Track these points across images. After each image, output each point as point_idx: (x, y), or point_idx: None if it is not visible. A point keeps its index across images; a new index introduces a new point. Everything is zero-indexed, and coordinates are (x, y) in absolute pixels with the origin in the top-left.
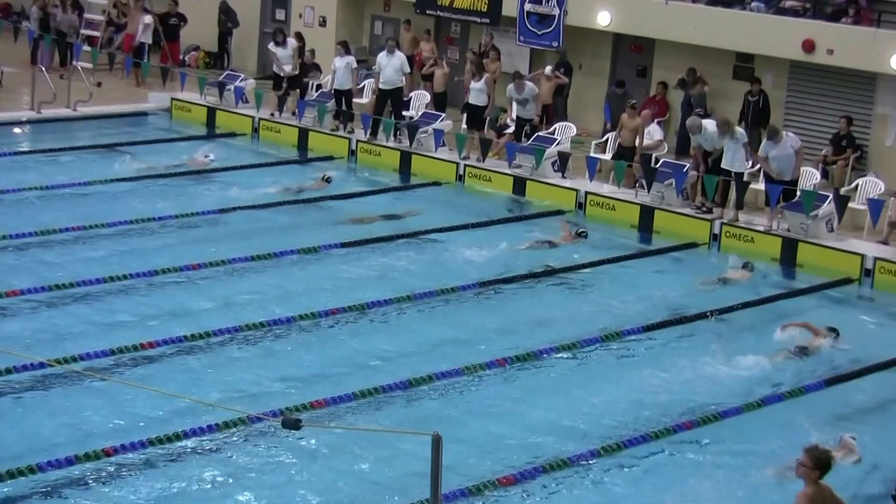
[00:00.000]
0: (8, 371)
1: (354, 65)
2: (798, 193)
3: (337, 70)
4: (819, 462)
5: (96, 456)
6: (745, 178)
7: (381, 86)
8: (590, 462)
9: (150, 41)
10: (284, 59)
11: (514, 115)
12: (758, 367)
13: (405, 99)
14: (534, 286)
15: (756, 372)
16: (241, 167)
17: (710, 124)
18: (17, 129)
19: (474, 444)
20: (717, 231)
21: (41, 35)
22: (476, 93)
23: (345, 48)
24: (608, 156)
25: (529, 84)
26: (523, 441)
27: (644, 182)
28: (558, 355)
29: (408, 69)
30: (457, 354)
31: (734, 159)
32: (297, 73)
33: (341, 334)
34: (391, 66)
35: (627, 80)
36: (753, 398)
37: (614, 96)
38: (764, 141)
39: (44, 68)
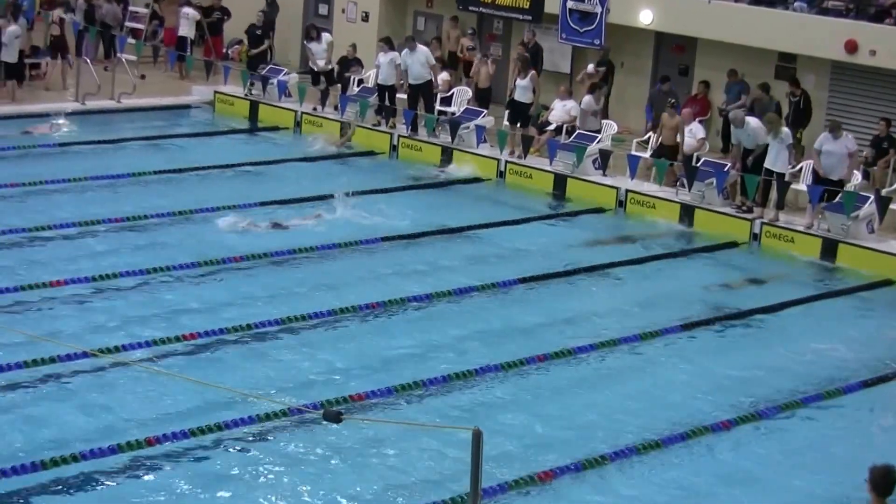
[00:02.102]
0: (52, 360)
1: (398, 60)
2: (839, 194)
3: (381, 66)
4: (877, 485)
5: (139, 445)
6: (787, 178)
7: (410, 82)
8: (628, 458)
9: (191, 35)
10: (318, 53)
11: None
12: (788, 369)
13: (448, 95)
14: (573, 283)
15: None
16: (285, 161)
17: (752, 120)
18: (60, 122)
19: (514, 439)
20: (756, 230)
21: (86, 27)
22: (521, 90)
23: (388, 44)
24: (649, 154)
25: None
26: (562, 436)
27: (685, 181)
28: (597, 352)
29: (433, 61)
30: (497, 349)
31: (777, 159)
32: (329, 68)
33: (382, 328)
34: (416, 62)
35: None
36: (794, 398)
37: (658, 95)
38: (823, 133)
39: (88, 60)
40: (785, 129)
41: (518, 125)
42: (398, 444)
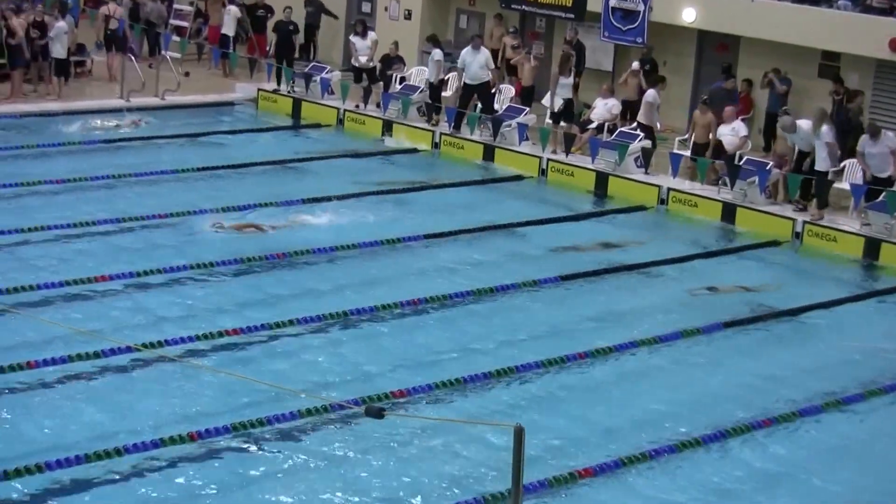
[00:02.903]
0: (97, 355)
1: (441, 58)
2: (882, 193)
3: (429, 63)
4: None
5: (181, 439)
6: (829, 176)
7: (466, 81)
8: (668, 456)
9: (233, 33)
10: (361, 50)
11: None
12: (830, 368)
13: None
14: (614, 281)
15: (831, 372)
16: (327, 157)
17: (804, 123)
18: (140, 122)
19: (554, 436)
20: (799, 229)
21: (131, 25)
22: (564, 88)
23: (433, 42)
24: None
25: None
26: (602, 433)
27: (727, 179)
28: (638, 350)
29: (492, 65)
30: (537, 347)
31: (817, 157)
32: (371, 65)
33: (424, 324)
34: (476, 63)
35: (711, 78)
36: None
37: (719, 91)
38: (863, 137)
39: (133, 58)
40: (824, 127)
41: (561, 123)
42: (439, 440)
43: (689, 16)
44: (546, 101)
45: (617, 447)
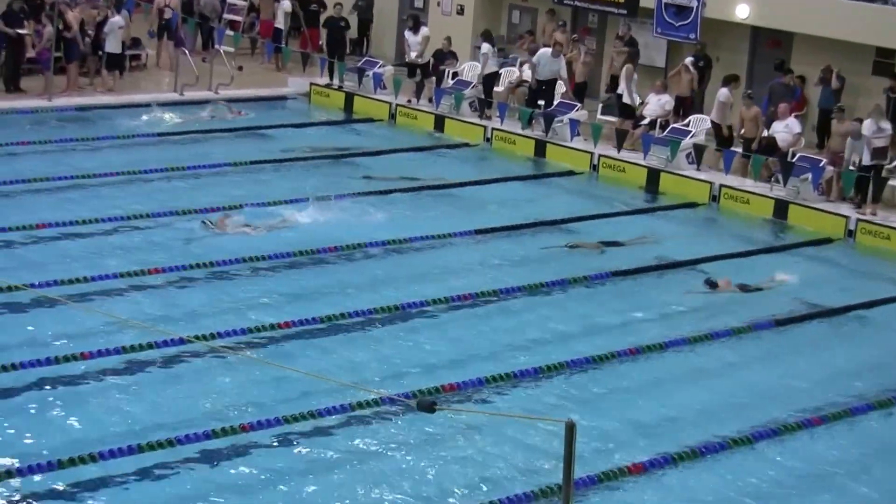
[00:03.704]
0: (149, 346)
1: (488, 51)
2: None
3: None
4: None
5: (233, 431)
6: (884, 173)
7: (538, 77)
8: (719, 452)
9: (286, 27)
10: (413, 45)
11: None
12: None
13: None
14: (665, 277)
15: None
16: (378, 153)
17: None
18: (241, 112)
19: (605, 431)
20: (852, 227)
21: (185, 19)
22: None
23: (485, 37)
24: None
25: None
26: (653, 429)
27: (780, 176)
28: (689, 346)
29: (565, 74)
30: (589, 342)
31: (864, 152)
32: (420, 61)
33: (474, 319)
34: (550, 69)
35: (765, 75)
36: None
37: (778, 87)
38: None
39: (187, 51)
40: (866, 123)
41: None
42: (490, 434)
43: (742, 12)
44: (626, 98)
45: (666, 444)
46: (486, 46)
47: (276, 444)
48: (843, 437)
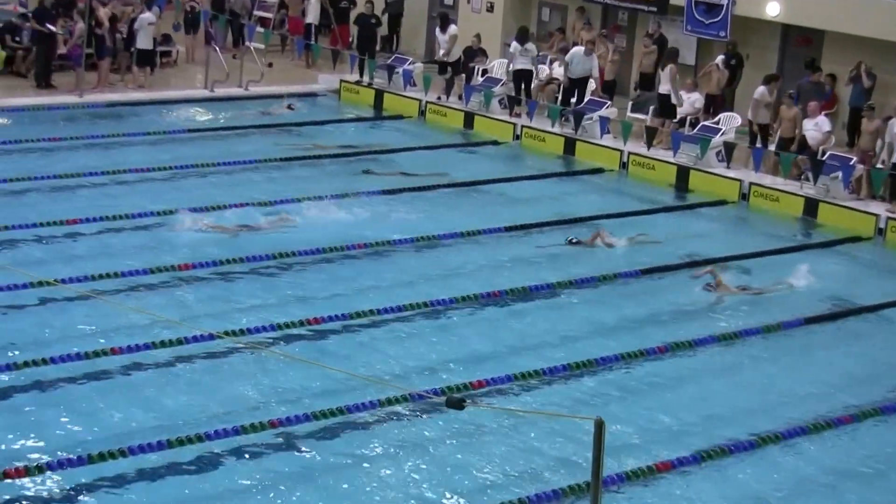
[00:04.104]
0: (179, 342)
1: (515, 50)
2: None
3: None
4: None
5: (262, 427)
6: None
7: (570, 76)
8: (748, 450)
9: (316, 22)
10: (441, 43)
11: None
12: None
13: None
14: (694, 275)
15: None
16: (408, 149)
17: None
18: (293, 106)
19: (633, 429)
20: (882, 225)
21: (215, 16)
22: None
23: (520, 33)
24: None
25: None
26: (681, 427)
27: (810, 174)
28: (718, 344)
29: (596, 73)
30: (618, 339)
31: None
32: (449, 59)
33: (504, 316)
34: (583, 68)
35: (795, 73)
36: None
37: (807, 85)
38: None
39: (217, 48)
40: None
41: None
42: (519, 431)
43: (772, 10)
44: (674, 99)
45: (695, 441)
46: (514, 44)
47: (306, 439)
48: (876, 435)
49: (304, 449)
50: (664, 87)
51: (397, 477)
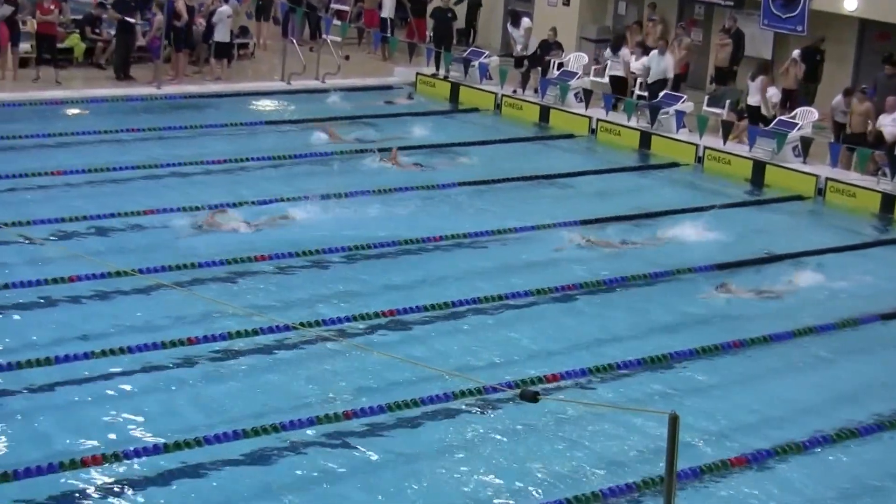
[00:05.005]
0: (255, 332)
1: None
2: None
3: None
4: None
5: (336, 418)
6: None
7: (649, 80)
8: (822, 446)
9: (392, 16)
10: (517, 38)
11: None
12: None
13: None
14: (769, 270)
15: None
16: (484, 142)
17: None
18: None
19: (707, 424)
20: None
21: (293, 9)
22: (751, 92)
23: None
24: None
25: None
26: (755, 423)
27: (887, 170)
28: (793, 340)
29: (671, 73)
30: (692, 334)
31: None
32: (525, 53)
33: (576, 309)
34: (659, 67)
35: (872, 67)
36: None
37: (884, 79)
38: None
39: (294, 41)
40: None
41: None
42: (592, 425)
43: (850, 4)
44: (764, 111)
45: (770, 437)
46: (608, 52)
47: (379, 431)
48: None
49: (377, 441)
50: (754, 99)
51: (471, 468)
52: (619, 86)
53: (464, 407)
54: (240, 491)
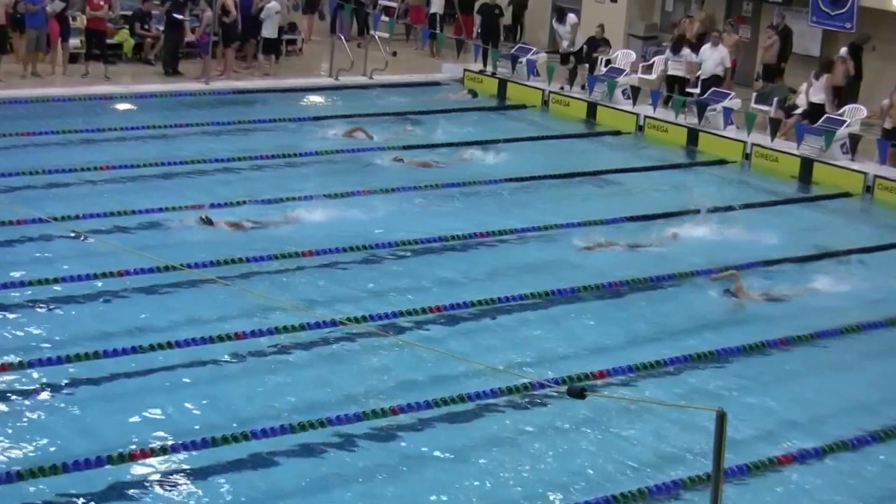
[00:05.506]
0: (302, 327)
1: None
2: None
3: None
4: None
5: (383, 413)
6: None
7: (703, 77)
8: (870, 444)
9: (440, 12)
10: (563, 35)
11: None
12: None
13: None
14: (816, 267)
15: None
16: (527, 139)
17: None
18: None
19: (754, 421)
20: None
21: (341, 5)
22: (815, 90)
23: (673, 44)
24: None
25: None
26: (802, 421)
27: None
28: (840, 337)
29: (728, 63)
30: (738, 331)
31: None
32: (571, 49)
33: (623, 306)
34: (712, 60)
35: None
36: None
37: None
38: None
39: (342, 37)
40: None
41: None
42: (639, 421)
43: None
44: (828, 108)
45: (818, 435)
46: (668, 53)
47: (425, 426)
48: None
49: (424, 436)
50: (818, 97)
51: (517, 464)
52: (679, 85)
53: (510, 403)
54: (287, 485)
